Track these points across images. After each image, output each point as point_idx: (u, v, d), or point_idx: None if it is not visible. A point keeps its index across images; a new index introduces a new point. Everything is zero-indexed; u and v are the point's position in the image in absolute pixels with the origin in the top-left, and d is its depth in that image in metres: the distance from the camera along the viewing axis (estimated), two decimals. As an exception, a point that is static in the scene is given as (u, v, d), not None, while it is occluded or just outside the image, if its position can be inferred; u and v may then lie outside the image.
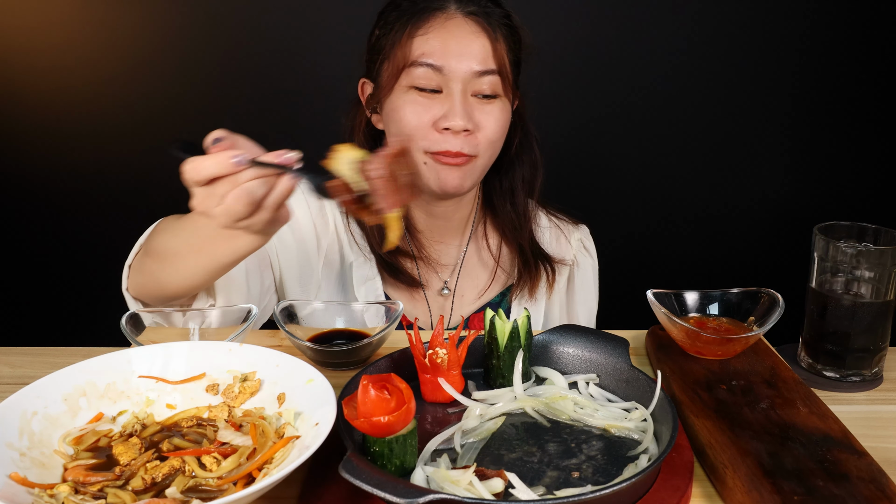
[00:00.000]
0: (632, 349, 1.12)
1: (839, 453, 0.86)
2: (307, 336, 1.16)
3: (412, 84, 1.34)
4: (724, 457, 0.86)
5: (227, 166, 0.91)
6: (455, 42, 1.33)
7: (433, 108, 1.34)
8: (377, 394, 0.82)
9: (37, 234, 2.71)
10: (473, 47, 1.33)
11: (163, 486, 0.79)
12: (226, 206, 0.91)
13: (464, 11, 1.35)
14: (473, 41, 1.33)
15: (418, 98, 1.34)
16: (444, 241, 1.56)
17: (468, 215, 1.57)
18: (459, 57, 1.32)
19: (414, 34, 1.34)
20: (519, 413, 0.97)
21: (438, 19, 1.34)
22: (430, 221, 1.53)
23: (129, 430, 0.89)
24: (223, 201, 0.91)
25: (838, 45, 2.54)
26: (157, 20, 2.48)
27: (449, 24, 1.34)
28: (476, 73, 1.33)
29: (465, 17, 1.35)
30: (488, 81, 1.35)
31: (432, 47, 1.32)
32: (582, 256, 1.64)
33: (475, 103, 1.35)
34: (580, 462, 0.87)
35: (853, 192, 2.71)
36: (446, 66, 1.32)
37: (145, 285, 1.20)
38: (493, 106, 1.37)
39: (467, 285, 1.56)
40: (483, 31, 1.34)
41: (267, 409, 0.92)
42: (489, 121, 1.36)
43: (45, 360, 1.17)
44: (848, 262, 1.10)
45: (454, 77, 1.32)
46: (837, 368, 1.13)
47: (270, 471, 0.79)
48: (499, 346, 1.02)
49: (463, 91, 1.33)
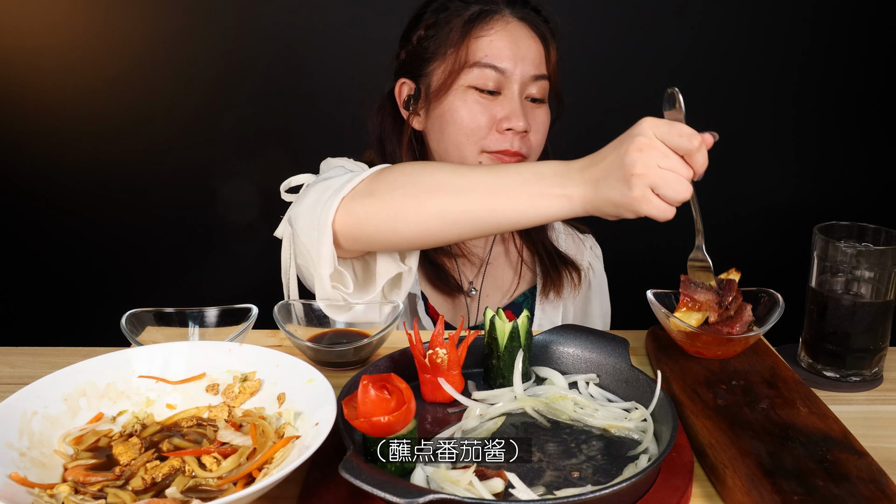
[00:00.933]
0: (632, 349, 1.12)
1: (839, 453, 0.86)
2: (307, 336, 1.16)
3: (472, 84, 1.36)
4: (724, 457, 0.86)
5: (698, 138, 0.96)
6: (516, 46, 1.36)
7: (493, 108, 1.36)
8: (377, 394, 0.82)
9: (37, 233, 2.71)
10: (532, 51, 1.37)
11: (163, 486, 0.79)
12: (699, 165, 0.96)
13: (517, 16, 1.38)
14: (532, 45, 1.37)
15: (479, 98, 1.36)
16: (471, 242, 1.56)
17: None
18: (520, 60, 1.35)
19: (476, 35, 1.36)
20: (519, 413, 0.97)
21: (499, 22, 1.37)
22: None
23: (129, 430, 0.89)
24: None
25: (838, 44, 2.54)
26: (158, 21, 2.48)
27: (510, 27, 1.37)
28: (532, 77, 1.37)
29: (520, 23, 1.38)
30: (540, 86, 1.39)
31: (497, 49, 1.35)
32: (595, 261, 1.66)
33: (528, 106, 1.39)
34: (580, 462, 0.87)
35: (853, 192, 2.70)
36: (509, 69, 1.35)
37: (377, 218, 1.14)
38: (541, 109, 1.42)
39: (492, 286, 1.57)
40: (538, 37, 1.39)
41: (267, 409, 0.92)
42: (539, 123, 1.41)
43: (45, 359, 1.17)
44: (848, 262, 1.10)
45: (514, 79, 1.36)
46: (837, 368, 1.13)
47: (270, 471, 0.79)
48: (499, 346, 1.02)
49: (520, 93, 1.37)
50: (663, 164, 0.94)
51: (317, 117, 2.50)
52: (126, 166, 2.62)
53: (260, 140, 2.58)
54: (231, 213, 2.57)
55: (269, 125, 2.57)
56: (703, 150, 0.95)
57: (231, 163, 2.60)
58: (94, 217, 2.67)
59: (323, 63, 2.45)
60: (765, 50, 2.53)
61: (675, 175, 0.94)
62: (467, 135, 1.37)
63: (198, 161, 2.62)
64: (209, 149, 2.61)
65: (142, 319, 1.12)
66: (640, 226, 2.71)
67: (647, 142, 0.95)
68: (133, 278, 2.72)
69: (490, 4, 1.38)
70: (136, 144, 2.59)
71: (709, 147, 0.95)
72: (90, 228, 2.68)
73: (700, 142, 0.95)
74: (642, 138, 0.95)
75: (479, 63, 1.35)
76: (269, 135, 2.58)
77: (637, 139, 0.95)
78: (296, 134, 2.54)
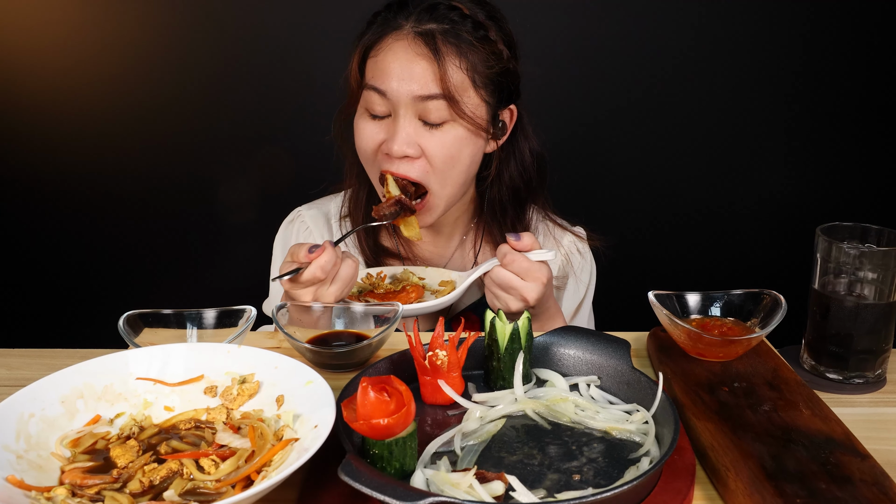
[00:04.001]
0: (633, 351, 1.12)
1: (842, 456, 0.85)
2: (306, 338, 1.15)
3: (365, 107, 1.36)
4: (726, 459, 0.85)
5: (334, 254, 1.23)
6: (397, 65, 1.31)
7: (380, 132, 1.35)
8: (377, 396, 0.81)
9: (33, 234, 2.71)
10: (415, 71, 1.30)
11: (161, 489, 0.79)
12: (342, 277, 1.25)
13: (415, 31, 1.31)
14: (416, 64, 1.30)
15: (368, 122, 1.36)
16: (436, 247, 1.58)
17: (454, 225, 1.56)
18: (400, 80, 1.30)
19: (367, 56, 1.35)
20: (519, 415, 0.97)
21: (388, 40, 1.33)
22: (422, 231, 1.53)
23: (126, 433, 0.89)
24: (338, 277, 1.24)
25: (840, 44, 2.54)
26: (156, 20, 2.48)
27: (396, 45, 1.32)
28: (419, 98, 1.30)
29: (413, 39, 1.31)
30: (434, 107, 1.31)
31: (380, 71, 1.32)
32: (574, 257, 1.61)
33: (422, 129, 1.33)
34: (581, 465, 0.86)
35: (856, 193, 2.70)
36: (389, 91, 1.31)
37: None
38: (441, 132, 1.33)
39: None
40: (427, 54, 1.30)
41: (266, 412, 0.92)
42: (436, 146, 1.33)
43: (42, 361, 1.16)
44: (851, 264, 1.10)
45: (397, 102, 1.31)
46: (840, 370, 1.12)
47: (269, 473, 0.79)
48: (499, 347, 1.02)
49: (409, 116, 1.32)
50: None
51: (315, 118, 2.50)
52: (122, 167, 2.62)
53: (258, 141, 2.58)
54: (229, 213, 2.57)
55: (267, 126, 2.57)
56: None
57: (229, 164, 2.60)
58: (91, 218, 2.67)
59: (321, 63, 2.44)
60: (765, 50, 2.53)
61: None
62: (362, 156, 1.40)
63: (195, 162, 2.62)
64: (206, 150, 2.61)
65: (140, 321, 1.12)
66: (641, 226, 2.73)
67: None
68: (131, 279, 2.72)
69: (395, 20, 1.34)
70: (133, 145, 2.59)
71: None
72: (87, 229, 2.68)
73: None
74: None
75: (367, 85, 1.34)
76: (267, 136, 2.58)
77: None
78: (294, 135, 2.53)
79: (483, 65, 1.34)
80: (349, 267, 1.26)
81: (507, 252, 1.30)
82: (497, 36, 1.36)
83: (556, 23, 2.47)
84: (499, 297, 1.32)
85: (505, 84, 1.39)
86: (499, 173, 1.49)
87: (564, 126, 2.51)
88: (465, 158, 1.37)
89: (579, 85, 2.55)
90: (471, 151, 1.38)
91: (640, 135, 2.61)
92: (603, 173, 2.66)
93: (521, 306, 1.30)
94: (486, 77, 1.35)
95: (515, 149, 1.49)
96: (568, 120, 2.53)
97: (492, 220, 1.54)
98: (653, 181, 2.66)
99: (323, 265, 1.21)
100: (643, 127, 2.60)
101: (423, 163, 1.34)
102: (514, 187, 1.51)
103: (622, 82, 2.55)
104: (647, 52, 2.52)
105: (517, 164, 1.50)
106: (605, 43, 2.52)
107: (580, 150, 2.58)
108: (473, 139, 1.36)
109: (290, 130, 2.56)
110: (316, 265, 1.21)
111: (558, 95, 2.49)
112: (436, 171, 1.35)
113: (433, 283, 1.43)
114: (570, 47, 2.50)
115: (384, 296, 1.36)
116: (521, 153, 1.50)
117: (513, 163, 1.50)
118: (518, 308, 1.30)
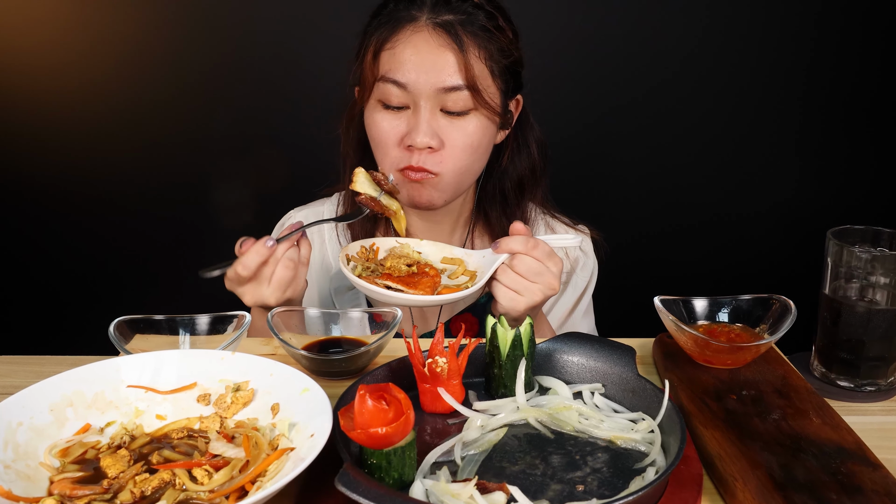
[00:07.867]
0: (639, 358, 1.10)
1: (853, 465, 0.84)
2: (302, 344, 1.14)
3: (380, 99, 1.34)
4: (734, 469, 0.84)
5: (266, 251, 1.18)
6: (419, 58, 1.30)
7: (399, 124, 1.34)
8: (375, 404, 0.81)
9: (21, 237, 2.71)
10: (439, 63, 1.29)
11: (152, 500, 0.78)
12: (277, 279, 1.20)
13: (433, 23, 1.31)
14: (439, 56, 1.30)
15: (385, 114, 1.34)
16: (433, 239, 1.55)
17: (456, 219, 1.56)
18: (424, 73, 1.30)
19: (382, 49, 1.33)
20: (521, 424, 0.96)
21: (406, 32, 1.32)
22: (420, 224, 1.55)
23: (117, 442, 0.88)
24: (273, 278, 1.20)
25: (851, 46, 2.54)
26: (149, 20, 2.47)
27: (415, 37, 1.31)
28: (442, 90, 1.30)
29: (432, 30, 1.31)
30: (457, 97, 1.31)
31: (398, 63, 1.31)
32: (573, 252, 1.61)
33: (443, 119, 1.33)
34: (585, 475, 0.85)
35: (867, 196, 2.70)
36: (410, 83, 1.30)
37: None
38: (463, 121, 1.34)
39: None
40: (450, 45, 1.30)
41: (260, 420, 0.92)
42: (458, 136, 1.33)
43: (30, 368, 1.15)
44: (862, 268, 1.08)
45: (419, 94, 1.31)
46: (851, 378, 1.11)
47: (264, 484, 0.79)
48: (501, 354, 1.00)
49: (431, 107, 1.32)
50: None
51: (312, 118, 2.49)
52: (113, 169, 2.61)
53: (252, 142, 2.58)
54: (224, 215, 2.56)
55: (263, 127, 2.57)
56: None
57: (223, 165, 2.60)
58: (80, 220, 2.67)
59: (318, 63, 2.45)
60: (776, 51, 2.53)
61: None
62: (377, 150, 1.38)
63: (189, 164, 2.62)
64: (200, 151, 2.61)
65: (131, 327, 1.11)
66: (648, 230, 2.72)
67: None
68: (122, 284, 2.71)
69: (408, 12, 1.33)
70: (123, 149, 2.58)
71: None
72: (76, 232, 2.67)
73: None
74: None
75: (383, 77, 1.32)
76: (262, 136, 2.58)
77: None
78: (290, 135, 2.53)
79: (499, 54, 1.35)
80: (286, 269, 1.20)
81: (527, 238, 1.22)
82: (506, 24, 1.37)
83: (565, 21, 2.47)
84: (523, 290, 1.22)
85: (514, 73, 1.41)
86: (509, 162, 1.50)
87: (570, 127, 2.51)
88: (483, 147, 1.39)
89: (587, 86, 2.55)
90: (488, 140, 1.40)
91: (646, 137, 2.61)
92: (608, 176, 2.67)
93: (543, 298, 1.24)
94: (501, 66, 1.36)
95: (523, 138, 1.51)
96: (573, 121, 2.53)
97: (490, 212, 1.55)
98: (659, 184, 2.67)
99: (246, 263, 1.17)
100: (650, 129, 2.60)
101: (440, 154, 1.35)
102: (519, 176, 1.52)
103: (629, 84, 2.55)
104: (656, 54, 2.52)
105: (526, 154, 1.51)
106: (613, 43, 2.52)
107: (587, 153, 2.58)
108: (492, 128, 1.39)
109: (284, 133, 2.56)
110: (238, 262, 1.17)
111: (564, 96, 2.50)
112: (455, 159, 1.35)
113: (433, 258, 1.37)
114: (577, 47, 2.50)
115: (405, 279, 1.25)
116: (527, 143, 1.51)
117: (523, 152, 1.51)
118: (541, 300, 1.24)
